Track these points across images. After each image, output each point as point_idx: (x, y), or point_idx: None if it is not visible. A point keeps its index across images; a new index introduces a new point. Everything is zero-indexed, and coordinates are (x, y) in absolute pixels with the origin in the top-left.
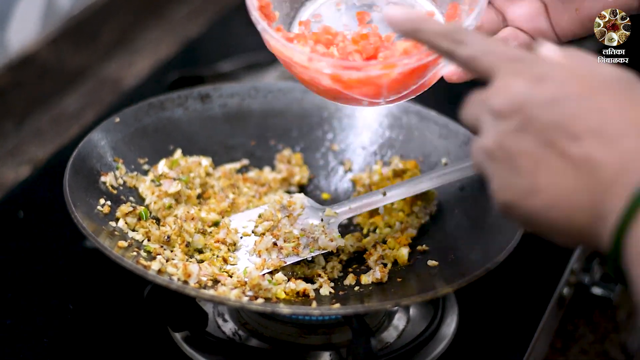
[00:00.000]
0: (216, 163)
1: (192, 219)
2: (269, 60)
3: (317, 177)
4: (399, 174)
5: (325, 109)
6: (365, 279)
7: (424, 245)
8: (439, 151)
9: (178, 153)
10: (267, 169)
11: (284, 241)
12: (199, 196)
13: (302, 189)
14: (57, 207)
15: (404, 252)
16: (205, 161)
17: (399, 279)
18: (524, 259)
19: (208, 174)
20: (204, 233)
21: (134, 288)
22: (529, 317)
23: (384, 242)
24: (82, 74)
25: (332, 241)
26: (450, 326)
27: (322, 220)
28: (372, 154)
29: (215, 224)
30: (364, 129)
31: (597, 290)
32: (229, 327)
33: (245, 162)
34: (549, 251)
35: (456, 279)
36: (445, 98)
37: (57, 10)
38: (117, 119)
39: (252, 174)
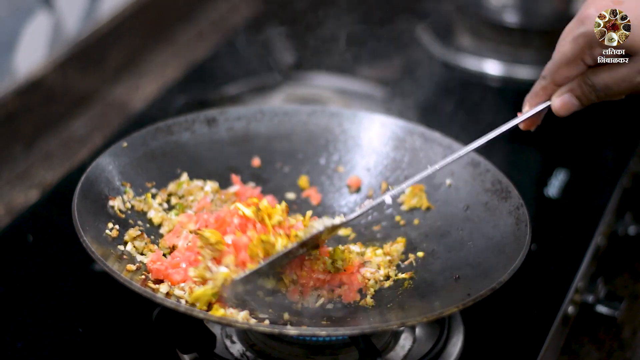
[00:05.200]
0: (222, 186)
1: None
2: (275, 83)
3: (324, 199)
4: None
5: (331, 131)
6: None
7: (420, 253)
8: (443, 172)
9: (184, 176)
10: None
11: None
12: None
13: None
14: (66, 231)
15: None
16: (209, 186)
17: (405, 299)
18: (529, 278)
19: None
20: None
21: (142, 311)
22: (534, 336)
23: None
24: (89, 98)
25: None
26: (456, 345)
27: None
28: (377, 175)
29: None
30: (369, 151)
31: (601, 309)
32: (236, 348)
33: (251, 185)
34: (553, 270)
35: (461, 298)
36: (450, 120)
37: (64, 34)
38: (125, 144)
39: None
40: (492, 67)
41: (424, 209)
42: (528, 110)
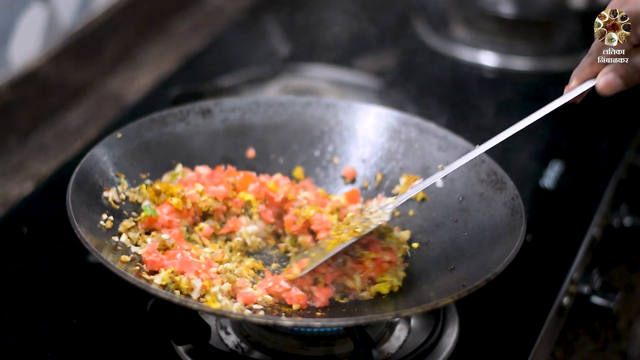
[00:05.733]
0: None
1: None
2: (270, 74)
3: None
4: None
5: (326, 122)
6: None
7: (416, 244)
8: (438, 163)
9: (179, 167)
10: None
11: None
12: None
13: None
14: (61, 223)
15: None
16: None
17: (400, 291)
18: (524, 269)
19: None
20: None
21: (137, 302)
22: (529, 327)
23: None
24: (84, 90)
25: (377, 218)
26: (451, 336)
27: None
28: (372, 167)
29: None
30: (364, 142)
31: (596, 300)
32: (231, 339)
33: None
34: (549, 261)
35: (457, 289)
36: (445, 111)
37: (59, 26)
38: (119, 135)
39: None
40: (488, 59)
41: (419, 200)
42: (575, 85)
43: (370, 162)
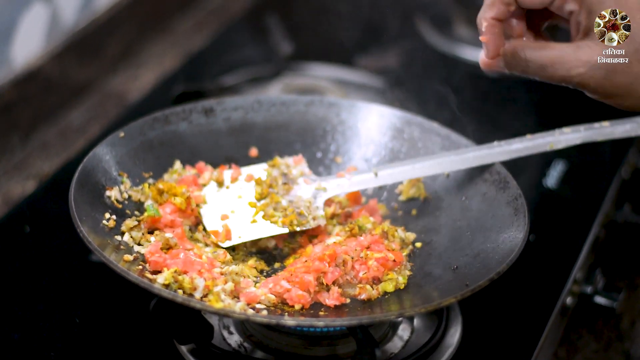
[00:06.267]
0: None
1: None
2: (272, 73)
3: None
4: None
5: (328, 121)
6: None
7: (419, 244)
8: None
9: (177, 164)
10: None
11: (273, 210)
12: None
13: None
14: (63, 222)
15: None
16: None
17: (403, 290)
18: (527, 269)
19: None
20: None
21: (139, 301)
22: (533, 327)
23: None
24: (87, 88)
25: (314, 220)
26: (454, 336)
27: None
28: (375, 166)
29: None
30: (367, 141)
31: (600, 300)
32: (234, 339)
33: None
34: (552, 261)
35: (459, 289)
36: (447, 110)
37: (61, 25)
38: (122, 134)
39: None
40: None
41: (422, 199)
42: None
43: (373, 161)
